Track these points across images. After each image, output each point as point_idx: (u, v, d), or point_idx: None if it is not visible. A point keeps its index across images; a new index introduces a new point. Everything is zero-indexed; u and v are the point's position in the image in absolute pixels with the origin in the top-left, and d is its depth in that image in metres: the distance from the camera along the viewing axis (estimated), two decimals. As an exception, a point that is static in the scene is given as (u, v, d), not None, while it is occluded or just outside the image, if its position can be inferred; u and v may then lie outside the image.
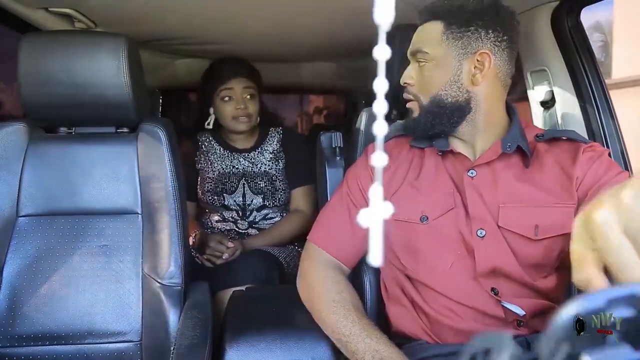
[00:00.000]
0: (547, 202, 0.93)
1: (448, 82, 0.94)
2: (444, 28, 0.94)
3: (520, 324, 0.93)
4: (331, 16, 1.48)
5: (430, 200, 0.97)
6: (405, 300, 1.01)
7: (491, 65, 0.93)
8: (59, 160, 1.21)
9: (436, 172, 1.00)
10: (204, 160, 1.79)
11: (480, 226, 0.93)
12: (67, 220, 1.20)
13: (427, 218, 0.96)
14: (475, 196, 0.95)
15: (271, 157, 1.79)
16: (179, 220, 1.19)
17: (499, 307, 0.93)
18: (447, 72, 0.94)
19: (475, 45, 0.93)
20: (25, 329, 1.12)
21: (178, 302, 1.14)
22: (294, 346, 0.99)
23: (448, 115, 0.95)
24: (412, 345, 0.99)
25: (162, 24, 1.59)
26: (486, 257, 0.92)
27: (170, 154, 1.21)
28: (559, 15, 1.34)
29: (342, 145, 1.39)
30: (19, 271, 1.15)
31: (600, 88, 1.33)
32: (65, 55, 1.16)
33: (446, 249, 0.95)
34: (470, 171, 0.96)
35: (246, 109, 1.71)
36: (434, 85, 0.95)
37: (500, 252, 0.92)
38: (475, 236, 0.93)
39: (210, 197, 1.73)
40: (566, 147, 0.97)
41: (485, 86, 0.95)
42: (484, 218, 0.93)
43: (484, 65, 0.93)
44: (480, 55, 0.93)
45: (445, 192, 0.97)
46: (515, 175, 0.95)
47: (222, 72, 1.73)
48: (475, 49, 0.93)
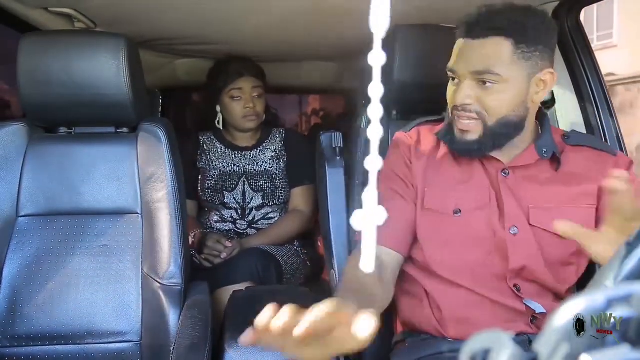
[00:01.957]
0: (574, 201, 0.95)
1: (517, 104, 0.92)
2: (514, 47, 0.89)
3: (533, 320, 0.95)
4: (331, 16, 1.48)
5: (465, 194, 0.97)
6: (419, 293, 1.01)
7: (553, 83, 0.93)
8: (58, 160, 1.21)
9: (471, 167, 0.99)
10: (205, 159, 1.79)
11: (513, 224, 0.95)
12: (67, 220, 1.20)
13: (460, 211, 0.96)
14: (509, 194, 0.96)
15: (272, 156, 1.80)
16: (179, 220, 1.19)
17: (521, 302, 0.95)
18: (518, 94, 0.91)
19: (542, 64, 0.91)
20: (25, 329, 1.12)
21: (178, 302, 1.14)
22: (294, 346, 0.99)
23: (511, 135, 0.94)
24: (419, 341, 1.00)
25: (162, 24, 1.59)
26: (519, 254, 0.94)
27: (170, 154, 1.21)
28: (558, 15, 1.34)
29: (342, 146, 1.39)
30: (18, 271, 1.15)
31: (600, 88, 1.33)
32: (65, 55, 1.16)
33: (476, 244, 0.96)
34: (504, 171, 0.97)
35: (255, 107, 1.74)
36: (503, 107, 0.91)
37: (531, 250, 0.94)
38: (509, 233, 0.94)
39: (210, 195, 1.73)
40: (591, 153, 1.00)
41: (537, 103, 0.96)
42: (517, 216, 0.95)
43: (546, 84, 0.92)
44: (545, 75, 0.92)
45: (481, 187, 0.98)
46: (546, 178, 0.97)
47: (231, 71, 1.74)
48: (542, 68, 0.91)
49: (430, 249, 0.99)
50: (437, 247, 0.98)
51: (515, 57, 0.89)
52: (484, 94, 0.91)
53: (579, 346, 0.25)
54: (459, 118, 0.94)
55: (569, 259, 0.97)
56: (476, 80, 0.91)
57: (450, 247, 0.97)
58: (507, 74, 0.89)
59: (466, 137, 0.94)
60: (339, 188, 1.29)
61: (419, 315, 1.01)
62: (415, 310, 1.02)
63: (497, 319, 0.95)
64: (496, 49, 0.89)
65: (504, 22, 0.89)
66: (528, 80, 0.91)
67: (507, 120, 0.92)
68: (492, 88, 0.90)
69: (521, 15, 0.90)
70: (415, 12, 1.35)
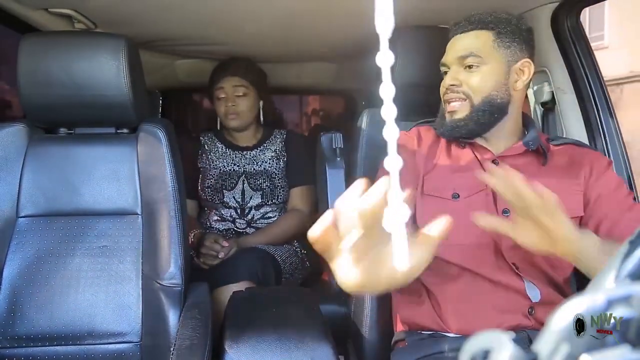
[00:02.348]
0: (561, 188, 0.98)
1: (499, 85, 1.02)
2: (495, 36, 1.03)
3: (531, 311, 0.97)
4: (331, 16, 1.48)
5: (462, 180, 1.04)
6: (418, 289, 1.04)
7: (530, 73, 1.04)
8: (59, 160, 1.21)
9: (466, 158, 1.07)
10: (205, 159, 1.80)
11: (505, 206, 1.00)
12: (67, 221, 1.20)
13: (458, 195, 1.03)
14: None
15: (273, 156, 1.81)
16: (179, 221, 1.19)
17: (521, 282, 0.98)
18: (499, 76, 1.02)
19: (520, 54, 1.03)
20: (25, 329, 1.12)
21: (178, 303, 1.14)
22: (294, 347, 0.99)
23: (494, 116, 1.03)
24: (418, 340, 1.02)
25: (162, 25, 1.59)
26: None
27: (170, 154, 1.21)
28: (558, 16, 1.34)
29: (342, 146, 1.39)
30: (18, 272, 1.15)
31: (600, 88, 1.33)
32: (65, 56, 1.16)
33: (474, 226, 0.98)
34: (494, 161, 1.04)
35: (235, 106, 1.75)
36: (486, 86, 1.02)
37: None
38: (502, 214, 1.01)
39: (209, 194, 1.74)
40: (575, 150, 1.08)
41: (520, 93, 1.05)
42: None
43: (524, 74, 1.04)
44: (523, 64, 1.03)
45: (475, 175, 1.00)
46: (533, 170, 1.03)
47: (215, 72, 1.81)
48: (520, 58, 1.03)
49: None
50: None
51: (496, 45, 1.02)
52: (469, 76, 1.03)
53: (579, 346, 0.25)
54: (448, 101, 1.06)
55: None
56: (462, 65, 1.04)
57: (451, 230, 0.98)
58: (488, 56, 1.02)
59: (454, 117, 1.05)
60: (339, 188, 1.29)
61: (419, 312, 1.03)
62: (414, 307, 1.04)
63: (496, 308, 0.97)
64: (479, 37, 1.04)
65: (486, 18, 1.04)
66: (508, 66, 1.03)
67: (491, 99, 1.02)
68: (477, 69, 1.02)
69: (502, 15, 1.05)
70: (416, 14, 1.35)
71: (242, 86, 1.77)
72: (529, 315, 0.97)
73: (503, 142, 1.06)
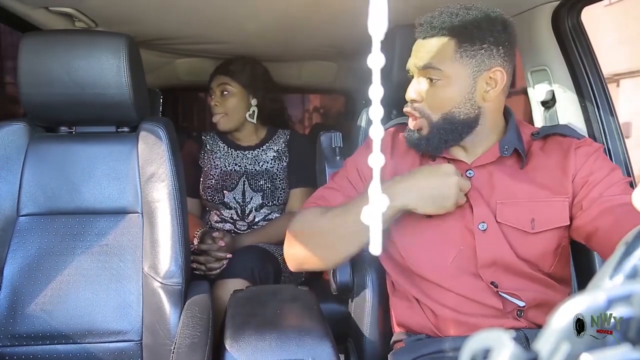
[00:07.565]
0: (542, 197, 0.95)
1: (462, 100, 0.94)
2: (456, 46, 0.92)
3: (521, 314, 0.95)
4: (331, 16, 1.48)
5: None
6: (411, 295, 1.02)
7: (504, 81, 0.95)
8: (59, 159, 1.21)
9: None
10: (207, 159, 1.80)
11: (482, 220, 0.95)
12: (67, 220, 1.20)
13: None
14: (476, 193, 0.97)
15: (274, 156, 1.80)
16: (179, 219, 1.19)
17: (499, 299, 0.95)
18: (461, 90, 0.93)
19: (489, 62, 0.93)
20: (25, 328, 1.12)
21: (178, 301, 1.14)
22: (294, 346, 0.99)
23: (459, 131, 0.96)
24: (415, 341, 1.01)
25: (162, 24, 1.59)
26: (486, 249, 0.95)
27: (170, 153, 1.21)
28: (559, 14, 1.34)
29: (342, 145, 1.39)
30: (19, 270, 1.15)
31: (600, 87, 1.33)
32: (66, 55, 1.16)
33: (449, 244, 0.97)
34: (468, 171, 0.99)
35: (217, 106, 1.75)
36: (446, 103, 0.94)
37: (499, 244, 0.95)
38: (477, 229, 0.95)
39: (210, 194, 1.74)
40: (560, 142, 1.00)
41: (494, 102, 0.96)
42: (485, 213, 0.96)
43: (496, 82, 0.94)
44: (494, 73, 0.93)
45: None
46: (511, 175, 0.97)
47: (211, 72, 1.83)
48: (489, 67, 0.93)
49: (408, 251, 1.00)
50: (414, 250, 0.99)
51: (458, 55, 0.92)
52: (430, 90, 0.95)
53: (579, 346, 0.25)
54: (409, 117, 1.00)
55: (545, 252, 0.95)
56: (425, 76, 0.96)
57: (425, 248, 0.98)
58: (449, 70, 0.93)
59: (415, 134, 0.99)
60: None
61: (414, 318, 1.02)
62: (409, 313, 1.03)
63: (486, 317, 0.95)
64: (439, 46, 0.93)
65: (447, 22, 0.93)
66: (473, 77, 0.93)
67: (452, 116, 0.94)
68: (437, 83, 0.94)
69: (470, 16, 0.93)
70: (414, 12, 1.34)
71: (226, 84, 1.76)
72: (519, 317, 0.95)
73: (480, 148, 0.99)
